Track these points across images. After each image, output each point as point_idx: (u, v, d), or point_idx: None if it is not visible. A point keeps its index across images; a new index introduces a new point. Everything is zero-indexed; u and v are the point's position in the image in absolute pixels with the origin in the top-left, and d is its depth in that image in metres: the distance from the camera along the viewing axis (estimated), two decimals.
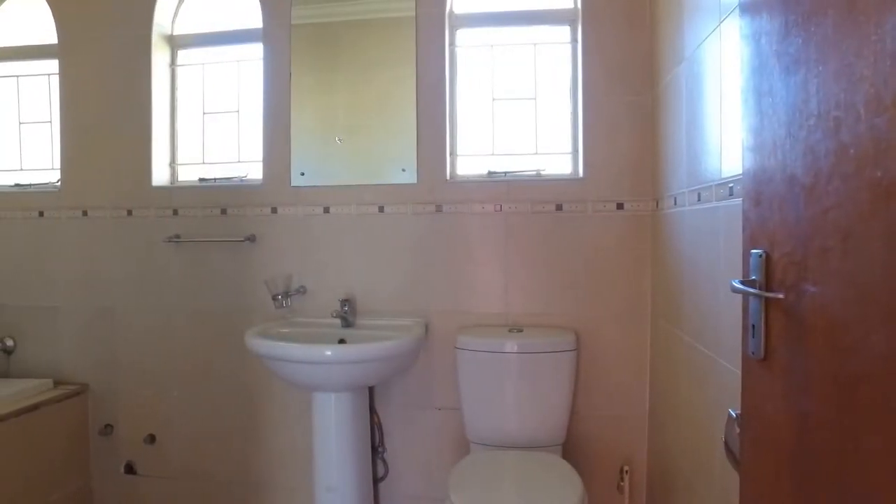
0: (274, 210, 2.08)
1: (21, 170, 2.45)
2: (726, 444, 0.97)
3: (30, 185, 2.40)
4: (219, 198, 2.13)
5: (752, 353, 0.80)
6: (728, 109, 1.16)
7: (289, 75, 2.06)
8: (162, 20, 2.23)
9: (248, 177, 2.19)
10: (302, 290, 2.04)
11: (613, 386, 1.91)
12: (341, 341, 1.85)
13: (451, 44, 2.04)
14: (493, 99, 2.06)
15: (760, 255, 0.79)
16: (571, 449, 1.90)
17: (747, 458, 0.84)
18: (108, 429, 2.25)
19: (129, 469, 2.23)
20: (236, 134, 2.25)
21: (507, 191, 1.95)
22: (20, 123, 2.46)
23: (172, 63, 2.28)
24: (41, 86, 2.42)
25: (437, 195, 1.98)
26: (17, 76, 2.45)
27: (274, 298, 1.96)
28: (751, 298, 0.80)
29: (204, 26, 2.27)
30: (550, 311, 1.92)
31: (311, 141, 2.06)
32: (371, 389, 2.00)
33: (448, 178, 1.99)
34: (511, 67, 2.06)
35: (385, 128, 2.01)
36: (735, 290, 0.80)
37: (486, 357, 1.78)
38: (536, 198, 1.93)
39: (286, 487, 2.11)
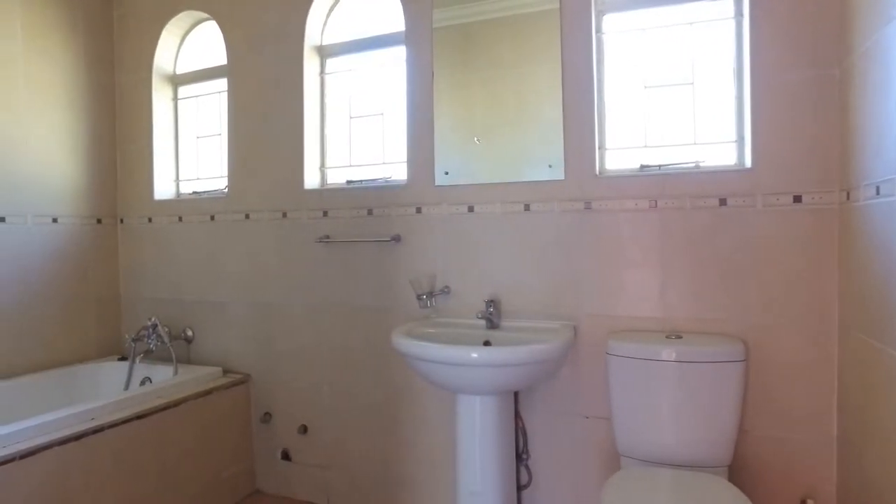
0: (418, 210, 2.11)
1: (198, 179, 2.74)
2: None
3: (204, 192, 2.67)
4: (365, 199, 2.21)
5: None
6: None
7: (431, 75, 2.07)
8: (312, 33, 2.36)
9: (393, 178, 2.25)
10: (446, 291, 2.05)
11: (791, 404, 1.68)
12: (486, 343, 1.82)
13: (598, 31, 1.93)
14: (645, 87, 1.91)
15: None
16: (740, 472, 1.70)
17: None
18: (267, 417, 2.42)
19: (285, 456, 2.38)
20: (381, 136, 2.32)
21: (661, 185, 1.79)
22: (197, 138, 2.76)
23: (322, 72, 2.40)
24: (214, 103, 2.68)
25: (586, 191, 1.87)
26: (197, 96, 2.74)
27: (419, 298, 1.98)
28: None
29: (350, 34, 2.36)
30: (713, 316, 1.74)
31: (454, 140, 2.05)
32: (515, 394, 1.95)
33: (597, 173, 1.88)
34: (664, 51, 1.90)
35: (528, 124, 1.95)
36: None
37: (641, 365, 1.65)
38: (696, 192, 1.75)
39: (429, 487, 2.13)
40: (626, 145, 1.93)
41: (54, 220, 2.53)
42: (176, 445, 2.10)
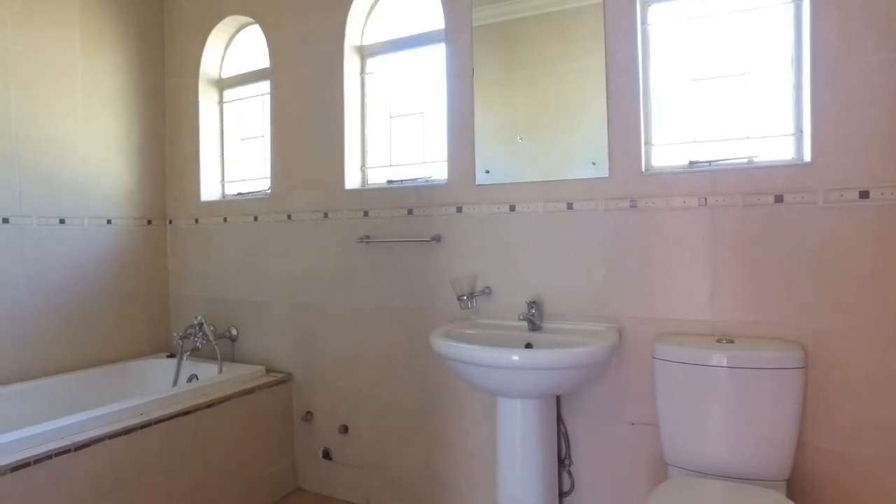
0: (459, 209, 2.08)
1: (242, 180, 2.79)
2: None
3: (248, 193, 2.72)
4: (406, 199, 2.20)
5: None
6: None
7: (471, 73, 2.04)
8: (352, 33, 2.37)
9: (433, 177, 2.23)
10: (487, 291, 2.01)
11: (857, 416, 1.56)
12: (528, 345, 1.78)
13: (643, 23, 1.85)
14: (694, 79, 1.83)
15: None
16: (800, 488, 1.59)
17: None
18: (308, 416, 2.44)
19: (326, 455, 2.39)
20: (422, 135, 2.30)
21: (712, 182, 1.71)
22: (241, 140, 2.81)
23: (362, 72, 2.41)
24: (257, 106, 2.72)
25: (632, 189, 1.80)
26: (241, 99, 2.80)
27: (459, 299, 1.95)
28: None
29: (389, 34, 2.36)
30: (768, 320, 1.64)
31: (495, 139, 2.02)
32: (558, 397, 1.89)
33: (643, 170, 1.81)
34: (714, 42, 1.80)
35: (571, 121, 1.89)
36: None
37: (690, 370, 1.57)
38: (749, 188, 1.66)
39: (470, 491, 2.10)
40: (673, 141, 1.85)
41: (108, 222, 2.62)
42: (220, 441, 2.13)
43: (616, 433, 1.85)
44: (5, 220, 2.26)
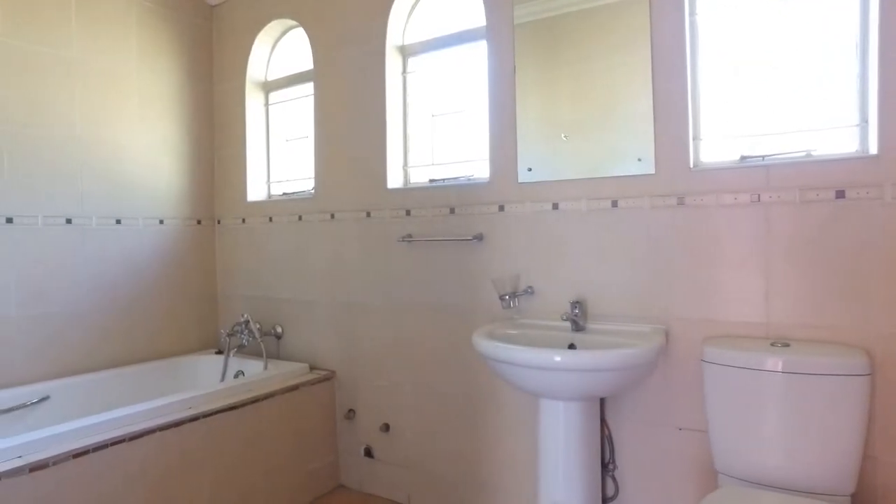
0: (501, 208, 2.06)
1: (287, 180, 2.84)
2: None
3: (293, 193, 2.77)
4: (447, 197, 2.19)
5: None
6: None
7: (513, 71, 2.01)
8: (394, 33, 2.37)
9: (475, 176, 2.21)
10: (529, 291, 1.98)
11: None
12: (571, 346, 1.74)
13: (692, 13, 1.78)
14: (745, 71, 1.74)
15: None
16: None
17: None
18: (351, 413, 2.46)
19: (368, 453, 2.41)
20: (463, 134, 2.29)
21: (765, 177, 1.62)
22: (286, 141, 2.87)
23: (404, 71, 2.41)
24: (301, 107, 2.77)
25: (679, 186, 1.74)
26: (286, 101, 2.85)
27: (501, 298, 1.93)
28: None
29: (430, 33, 2.35)
30: (828, 324, 1.55)
31: (537, 136, 1.98)
32: (602, 400, 1.84)
33: (691, 165, 1.74)
34: (768, 28, 1.72)
35: (616, 117, 1.84)
36: None
37: (742, 375, 1.50)
38: (807, 183, 1.57)
39: (511, 493, 2.07)
40: (724, 135, 1.77)
41: (161, 222, 2.72)
42: (265, 436, 2.18)
43: (663, 438, 1.78)
44: (69, 221, 2.37)
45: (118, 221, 2.55)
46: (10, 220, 2.20)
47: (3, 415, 2.06)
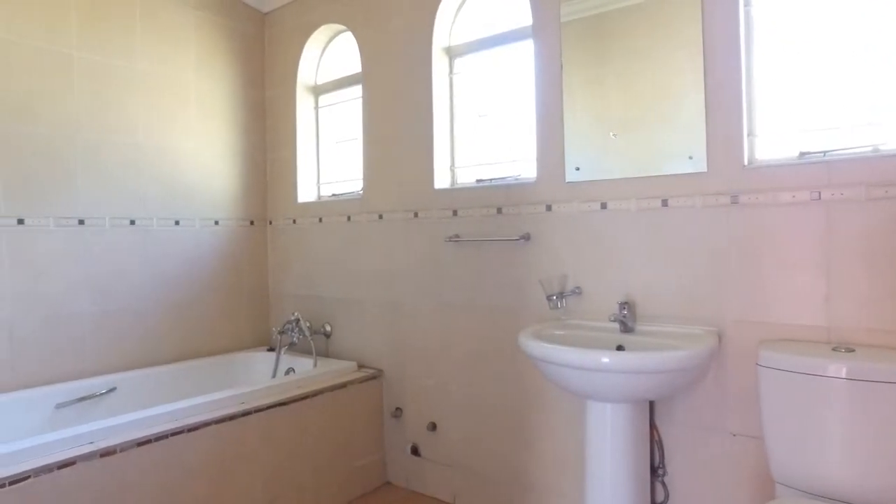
0: (548, 207, 2.04)
1: (336, 181, 2.91)
2: None
3: (342, 194, 2.83)
4: (494, 197, 2.19)
5: None
6: None
7: (560, 69, 2.00)
8: (440, 35, 2.39)
9: (522, 175, 2.20)
10: (577, 291, 1.96)
11: None
12: (619, 348, 1.71)
13: (747, 4, 1.73)
14: (800, 61, 1.67)
15: None
16: None
17: None
18: (398, 412, 2.50)
19: (415, 451, 2.43)
20: (510, 133, 2.29)
21: (826, 174, 1.55)
22: (336, 143, 2.93)
23: (450, 72, 2.43)
24: (350, 109, 2.83)
25: (733, 184, 1.68)
26: (335, 104, 2.92)
27: (548, 299, 1.92)
28: None
29: (476, 33, 2.36)
30: None
31: (585, 135, 1.96)
32: (652, 403, 1.81)
33: (746, 163, 1.68)
34: (826, 14, 1.63)
35: (664, 114, 1.80)
36: None
37: (801, 380, 1.44)
38: (874, 180, 1.49)
39: (557, 496, 2.05)
40: (781, 131, 1.71)
41: (216, 223, 2.83)
42: (314, 432, 2.23)
43: (715, 444, 1.73)
44: (132, 222, 2.50)
45: (177, 223, 2.67)
46: (81, 222, 2.34)
47: (76, 403, 2.20)
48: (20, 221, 2.17)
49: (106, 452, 1.64)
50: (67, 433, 1.64)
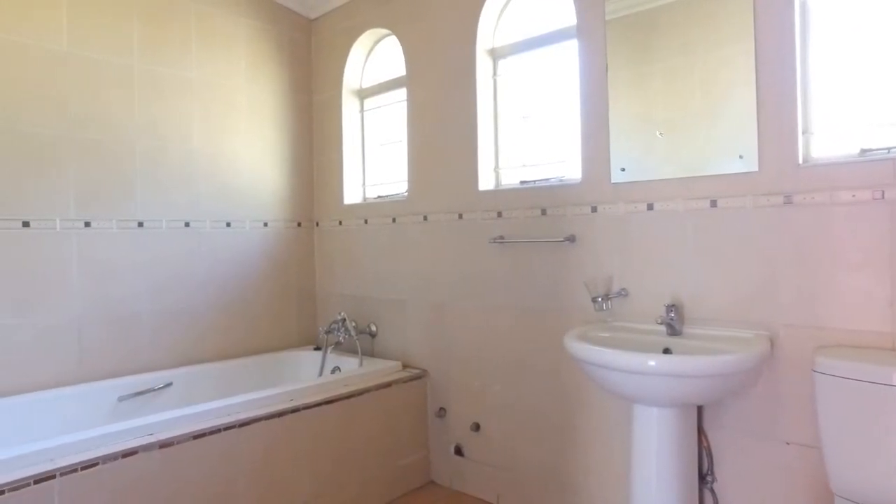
0: (593, 209, 2.02)
1: (381, 183, 2.95)
2: None
3: (387, 195, 2.87)
4: (539, 199, 2.18)
5: None
6: None
7: (605, 69, 1.98)
8: (484, 36, 2.40)
9: (567, 177, 2.19)
10: (623, 293, 1.93)
11: None
12: (666, 351, 1.68)
13: None
14: (862, 54, 1.60)
15: None
16: None
17: None
18: (442, 412, 2.52)
19: (458, 451, 2.45)
20: (554, 134, 2.27)
21: (892, 172, 1.48)
22: (381, 145, 2.98)
23: (494, 74, 2.43)
24: (395, 112, 2.87)
25: (786, 183, 1.63)
26: (379, 107, 2.97)
27: (594, 301, 1.90)
28: None
29: (520, 34, 2.36)
30: None
31: (630, 135, 1.93)
32: (700, 408, 1.77)
33: (800, 161, 1.62)
34: (891, 3, 1.56)
35: (713, 113, 1.75)
36: None
37: (863, 388, 1.37)
38: None
39: (601, 499, 2.02)
40: (840, 127, 1.63)
41: (265, 225, 2.92)
42: (359, 430, 2.27)
43: (768, 452, 1.68)
44: (187, 224, 2.61)
45: (228, 224, 2.76)
46: (140, 224, 2.46)
47: (136, 397, 2.31)
48: (87, 224, 2.30)
49: (165, 444, 1.72)
50: (130, 424, 1.74)
